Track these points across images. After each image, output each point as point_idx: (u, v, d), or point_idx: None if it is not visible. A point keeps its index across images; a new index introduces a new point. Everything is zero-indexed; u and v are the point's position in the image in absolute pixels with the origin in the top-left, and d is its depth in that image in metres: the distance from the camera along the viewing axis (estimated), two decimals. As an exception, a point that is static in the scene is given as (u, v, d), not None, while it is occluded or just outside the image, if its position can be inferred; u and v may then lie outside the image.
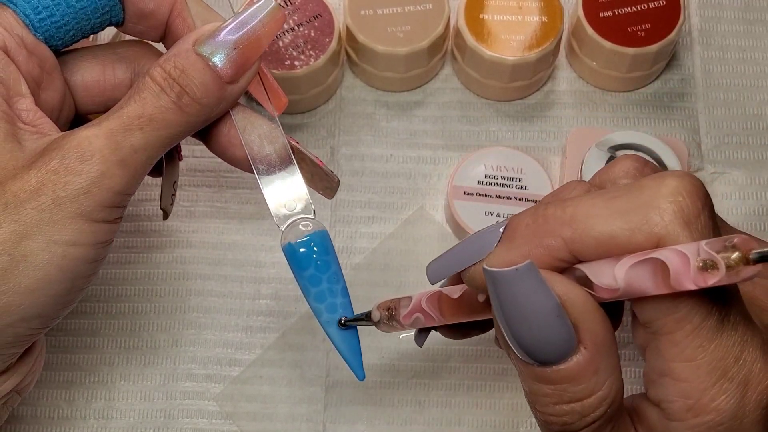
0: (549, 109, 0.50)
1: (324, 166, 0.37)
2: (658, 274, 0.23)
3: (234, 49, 0.32)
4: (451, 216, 0.45)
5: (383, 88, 0.50)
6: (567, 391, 0.25)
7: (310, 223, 0.34)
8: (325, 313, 0.33)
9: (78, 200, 0.30)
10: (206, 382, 0.44)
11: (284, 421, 0.43)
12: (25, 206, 0.30)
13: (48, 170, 0.30)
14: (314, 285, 0.33)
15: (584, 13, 0.47)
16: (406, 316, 0.33)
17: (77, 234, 0.30)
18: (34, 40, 0.32)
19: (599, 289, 0.25)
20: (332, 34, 0.46)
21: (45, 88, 0.33)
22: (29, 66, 0.32)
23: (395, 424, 0.43)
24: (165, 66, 0.32)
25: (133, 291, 0.46)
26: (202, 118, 0.33)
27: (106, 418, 0.44)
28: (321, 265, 0.33)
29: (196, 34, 0.32)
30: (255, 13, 0.33)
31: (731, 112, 0.49)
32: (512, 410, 0.44)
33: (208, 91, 0.32)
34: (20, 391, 0.35)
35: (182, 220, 0.47)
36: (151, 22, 0.35)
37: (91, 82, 0.35)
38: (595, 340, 0.24)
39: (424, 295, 0.32)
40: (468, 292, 0.30)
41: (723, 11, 0.52)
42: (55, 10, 0.32)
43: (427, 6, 0.47)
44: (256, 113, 0.35)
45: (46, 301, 0.31)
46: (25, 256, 0.30)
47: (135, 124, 0.31)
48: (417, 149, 0.49)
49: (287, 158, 0.34)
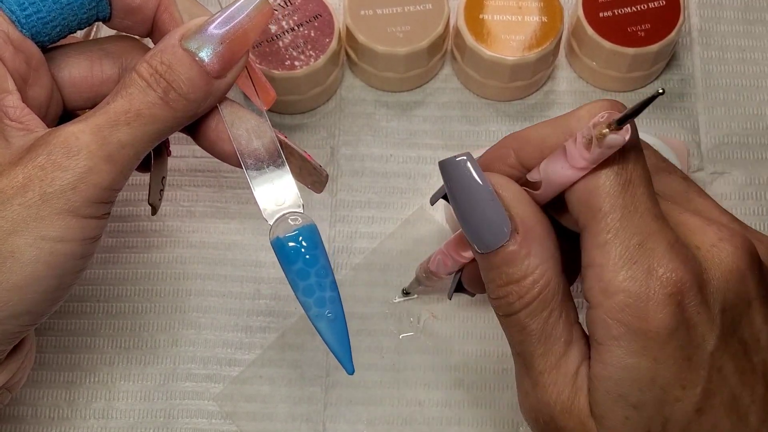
0: (549, 109, 0.50)
1: (312, 160, 0.37)
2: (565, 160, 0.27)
3: (221, 44, 0.32)
4: (451, 216, 0.45)
5: (383, 88, 0.50)
6: (504, 273, 0.28)
7: (299, 217, 0.34)
8: (314, 307, 0.33)
9: (65, 196, 0.30)
10: (206, 382, 0.44)
11: (284, 421, 0.43)
12: (12, 202, 0.30)
13: (35, 166, 0.30)
14: (303, 279, 0.33)
15: (584, 13, 0.47)
16: (432, 262, 0.38)
17: (65, 230, 0.30)
18: (20, 36, 0.32)
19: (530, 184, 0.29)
20: (332, 34, 0.46)
21: (32, 84, 0.33)
22: (15, 62, 0.32)
23: (395, 424, 0.43)
24: (151, 61, 0.32)
25: (133, 291, 0.46)
26: (190, 113, 0.33)
27: (106, 418, 0.44)
28: (309, 259, 0.33)
29: (182, 29, 0.32)
30: (242, 7, 0.33)
31: (731, 112, 0.50)
32: (512, 409, 0.44)
33: (194, 86, 0.32)
34: (10, 388, 0.35)
35: (182, 220, 0.47)
36: (137, 17, 0.35)
37: (78, 78, 0.35)
38: (527, 225, 0.28)
39: (445, 242, 0.37)
40: None
41: (723, 11, 0.52)
42: (42, 6, 0.32)
43: (427, 6, 0.47)
44: (244, 108, 0.35)
45: (34, 297, 0.31)
46: (12, 252, 0.30)
47: (122, 119, 0.31)
48: (417, 149, 0.49)
49: (276, 153, 0.34)
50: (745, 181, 0.48)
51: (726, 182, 0.48)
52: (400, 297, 0.40)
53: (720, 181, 0.48)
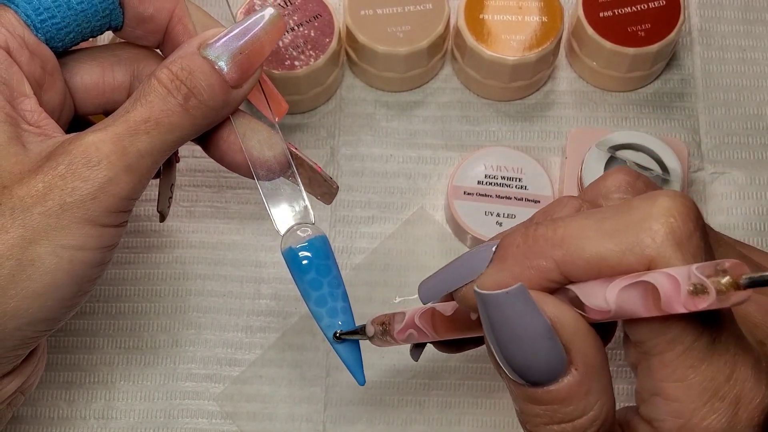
0: (549, 109, 0.50)
1: (322, 172, 0.37)
2: (649, 296, 0.23)
3: (239, 54, 0.32)
4: (451, 216, 0.45)
5: (383, 88, 0.50)
6: (558, 411, 0.25)
7: (309, 228, 0.34)
8: (326, 317, 0.33)
9: (85, 205, 0.30)
10: (206, 382, 0.44)
11: (284, 421, 0.43)
12: (32, 211, 0.30)
13: (55, 175, 0.30)
14: (315, 289, 0.33)
15: (584, 13, 0.47)
16: (400, 332, 0.33)
17: (84, 238, 0.31)
18: (35, 40, 0.32)
19: (590, 310, 0.25)
20: (332, 34, 0.46)
21: (47, 89, 0.33)
22: (31, 67, 0.32)
23: (395, 424, 0.43)
24: (172, 67, 0.32)
25: (133, 291, 0.46)
26: (207, 121, 0.33)
27: (106, 418, 0.44)
28: (322, 269, 0.33)
29: (201, 38, 0.33)
30: (258, 20, 0.33)
31: (731, 112, 0.49)
32: (512, 410, 0.43)
33: (214, 93, 0.32)
34: (24, 391, 0.35)
35: (182, 220, 0.47)
36: (149, 27, 0.35)
37: (90, 83, 0.35)
38: (586, 361, 0.24)
39: (417, 312, 0.32)
40: (461, 309, 0.30)
41: (723, 11, 0.52)
42: (56, 11, 0.32)
43: (427, 6, 0.47)
44: (256, 119, 0.35)
45: (52, 304, 0.31)
46: (32, 260, 0.30)
47: (141, 128, 0.31)
48: (417, 149, 0.49)
49: (287, 164, 0.35)
50: (745, 181, 0.48)
51: (726, 182, 0.48)
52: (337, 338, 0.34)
53: (720, 181, 0.48)
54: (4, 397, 0.33)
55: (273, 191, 0.34)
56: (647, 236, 0.23)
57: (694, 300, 0.22)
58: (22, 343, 0.32)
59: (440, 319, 0.31)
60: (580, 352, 0.24)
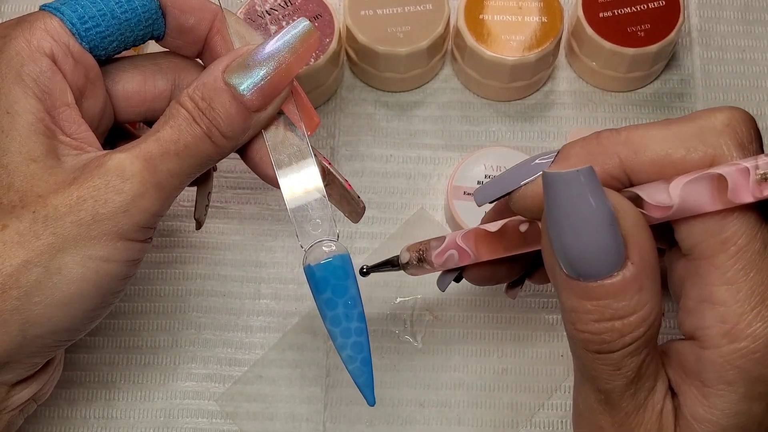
0: (549, 109, 0.50)
1: (352, 190, 0.37)
2: (714, 189, 0.24)
3: (263, 80, 0.32)
4: (451, 216, 0.45)
5: (383, 88, 0.50)
6: (609, 307, 0.25)
7: (333, 245, 0.34)
8: (339, 338, 0.33)
9: (116, 218, 0.31)
10: (206, 382, 0.44)
11: (284, 421, 0.43)
12: (64, 220, 0.30)
13: (89, 186, 0.30)
14: (330, 309, 0.33)
15: (584, 14, 0.47)
16: (438, 255, 0.33)
17: (112, 251, 0.31)
18: (80, 48, 0.33)
19: (651, 207, 0.25)
20: (332, 34, 0.46)
21: (88, 97, 0.34)
22: (75, 75, 0.33)
23: (395, 424, 0.43)
24: (193, 96, 0.32)
25: (133, 291, 0.46)
26: (232, 145, 0.33)
27: (106, 418, 0.44)
28: (338, 290, 0.33)
29: (227, 60, 0.32)
30: (288, 40, 0.33)
31: (731, 112, 0.49)
32: (512, 410, 0.44)
33: (232, 123, 0.32)
34: (37, 399, 0.35)
35: (182, 220, 0.47)
36: (190, 37, 0.35)
37: (131, 91, 0.35)
38: (642, 256, 0.25)
39: (458, 234, 0.33)
40: (507, 226, 0.31)
41: (722, 11, 0.52)
42: (101, 20, 0.33)
43: (427, 6, 0.47)
44: (289, 131, 0.35)
45: (76, 315, 0.31)
46: (59, 269, 0.30)
47: (172, 149, 0.32)
48: (417, 149, 0.49)
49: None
50: (745, 182, 0.48)
51: (726, 182, 0.48)
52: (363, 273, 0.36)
53: (720, 181, 0.48)
54: (18, 404, 0.34)
55: (300, 205, 0.34)
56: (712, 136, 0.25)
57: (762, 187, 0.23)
58: (42, 351, 0.32)
59: (483, 239, 0.32)
60: (638, 244, 0.24)
